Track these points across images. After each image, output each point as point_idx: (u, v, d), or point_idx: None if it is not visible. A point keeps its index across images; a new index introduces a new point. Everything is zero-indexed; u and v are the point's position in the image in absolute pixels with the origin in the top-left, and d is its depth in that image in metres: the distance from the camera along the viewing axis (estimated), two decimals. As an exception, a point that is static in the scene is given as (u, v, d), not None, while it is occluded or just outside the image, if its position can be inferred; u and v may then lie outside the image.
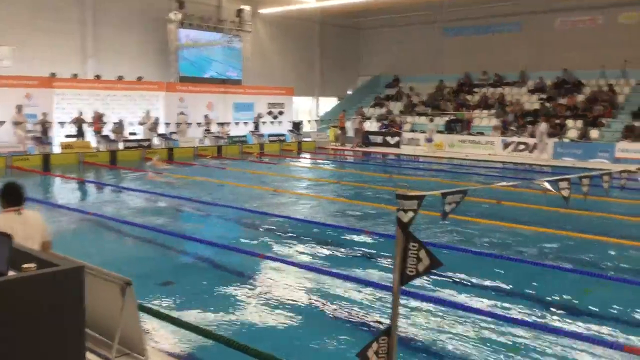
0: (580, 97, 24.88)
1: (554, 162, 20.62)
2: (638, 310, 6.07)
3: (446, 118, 26.30)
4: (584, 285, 7.05)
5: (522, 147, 22.49)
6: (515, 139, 22.88)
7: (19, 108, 18.91)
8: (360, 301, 6.24)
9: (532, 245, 8.72)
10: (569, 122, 23.40)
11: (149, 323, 5.31)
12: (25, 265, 2.88)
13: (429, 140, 24.12)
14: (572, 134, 22.74)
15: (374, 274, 7.04)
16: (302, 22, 31.28)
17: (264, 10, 29.10)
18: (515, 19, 28.00)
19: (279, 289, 6.63)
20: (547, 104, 24.95)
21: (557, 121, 23.38)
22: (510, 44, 28.02)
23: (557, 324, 5.70)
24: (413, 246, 2.57)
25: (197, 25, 25.80)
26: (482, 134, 24.56)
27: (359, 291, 6.50)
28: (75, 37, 22.82)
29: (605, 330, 5.50)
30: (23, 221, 4.28)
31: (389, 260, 7.41)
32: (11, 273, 2.91)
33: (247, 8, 27.52)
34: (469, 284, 6.95)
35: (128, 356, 4.16)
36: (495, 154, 22.70)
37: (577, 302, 6.43)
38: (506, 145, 22.94)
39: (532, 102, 25.97)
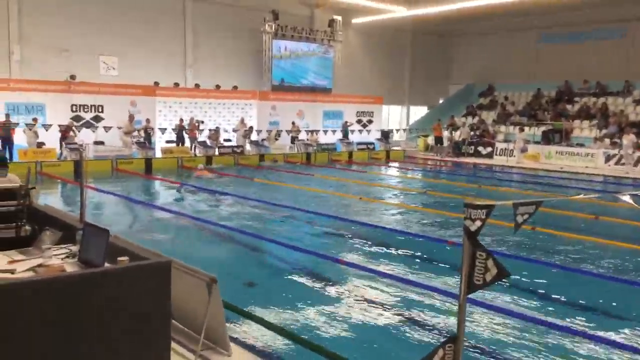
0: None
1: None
2: None
3: (543, 128, 25.25)
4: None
5: (625, 160, 21.17)
6: (618, 151, 21.56)
7: (131, 118, 20.12)
8: (438, 310, 6.20)
9: (623, 262, 8.27)
10: (679, 135, 21.77)
11: (233, 320, 5.56)
12: (120, 258, 3.18)
13: (523, 150, 23.25)
14: (682, 147, 21.13)
15: (452, 283, 6.97)
16: (393, 31, 31.22)
17: (356, 20, 29.39)
18: (620, 25, 26.38)
19: (358, 296, 6.72)
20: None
21: (665, 133, 21.81)
22: (613, 51, 26.42)
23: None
24: (480, 255, 2.58)
25: (290, 35, 26.56)
26: (582, 145, 23.34)
27: (441, 301, 6.47)
28: (176, 48, 24.19)
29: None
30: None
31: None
32: (107, 265, 3.23)
33: (339, 18, 27.93)
34: (550, 297, 6.76)
35: (212, 350, 4.32)
36: (596, 166, 21.51)
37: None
38: (608, 158, 21.66)
39: (637, 113, 24.37)
